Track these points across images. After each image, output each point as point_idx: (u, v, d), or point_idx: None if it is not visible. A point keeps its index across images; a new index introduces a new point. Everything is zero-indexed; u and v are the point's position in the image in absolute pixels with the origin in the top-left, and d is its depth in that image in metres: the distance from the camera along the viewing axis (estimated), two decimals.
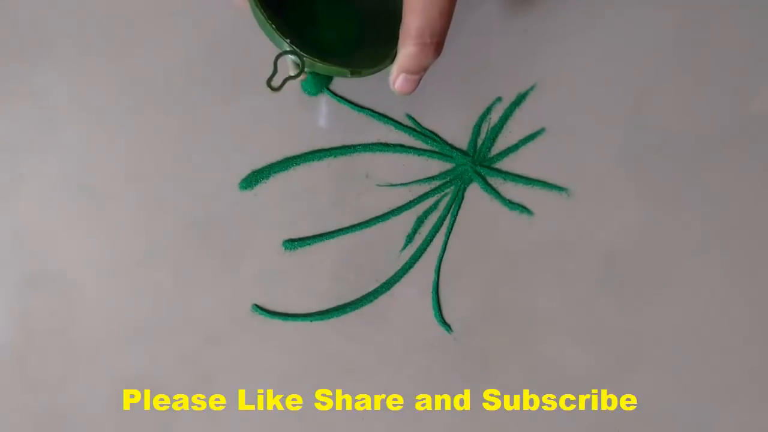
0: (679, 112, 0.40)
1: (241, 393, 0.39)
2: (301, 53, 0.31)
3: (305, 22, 0.35)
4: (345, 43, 0.35)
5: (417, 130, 0.40)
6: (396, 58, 0.32)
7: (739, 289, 0.39)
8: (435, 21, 0.29)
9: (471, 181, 0.40)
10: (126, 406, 0.39)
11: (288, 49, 0.31)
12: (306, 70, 0.32)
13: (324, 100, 0.40)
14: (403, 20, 0.29)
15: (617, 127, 0.40)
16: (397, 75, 0.32)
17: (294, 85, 0.40)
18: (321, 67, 0.32)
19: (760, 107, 0.40)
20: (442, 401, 0.38)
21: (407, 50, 0.30)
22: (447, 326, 0.39)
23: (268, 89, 0.31)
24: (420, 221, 0.40)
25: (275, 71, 0.31)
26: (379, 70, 0.32)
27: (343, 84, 0.40)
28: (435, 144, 0.40)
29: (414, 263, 0.39)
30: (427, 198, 0.40)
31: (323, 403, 0.39)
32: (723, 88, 0.41)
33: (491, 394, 0.38)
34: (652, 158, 0.40)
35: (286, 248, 0.39)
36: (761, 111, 0.40)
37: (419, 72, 0.32)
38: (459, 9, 0.31)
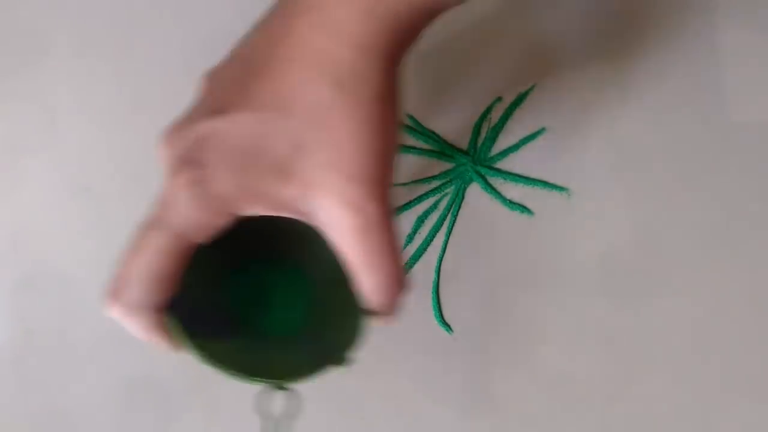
0: (677, 114, 0.40)
1: (241, 393, 0.39)
2: (282, 383, 0.27)
3: (252, 310, 0.30)
4: (298, 317, 0.31)
5: (417, 130, 0.40)
6: (368, 313, 0.27)
7: (739, 290, 0.39)
8: (390, 270, 0.25)
9: (471, 181, 0.40)
10: (126, 406, 0.39)
11: (266, 384, 0.27)
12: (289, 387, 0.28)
13: None
14: (358, 282, 0.26)
15: (617, 127, 0.40)
16: (380, 322, 0.28)
17: None
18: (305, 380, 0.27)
19: (751, 116, 0.40)
20: (442, 401, 0.38)
21: (381, 303, 0.26)
22: (447, 326, 0.39)
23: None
24: (420, 221, 0.40)
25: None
26: (357, 346, 0.28)
27: None
28: (435, 144, 0.40)
29: (414, 263, 0.39)
30: (427, 198, 0.40)
31: (323, 403, 0.39)
32: (719, 94, 0.40)
33: (491, 394, 0.38)
34: (652, 159, 0.40)
35: None
36: (754, 120, 0.40)
37: (397, 307, 0.28)
38: (458, 9, 0.31)
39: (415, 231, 0.40)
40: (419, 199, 0.40)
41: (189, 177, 0.24)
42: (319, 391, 0.39)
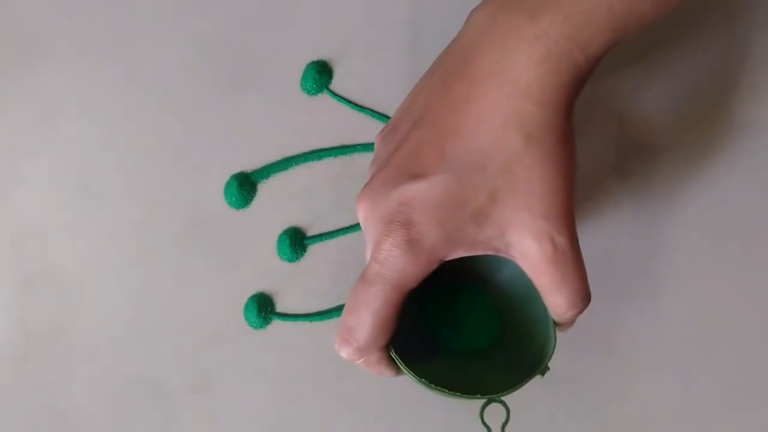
0: (676, 114, 0.40)
1: (241, 393, 0.39)
2: (497, 397, 0.30)
3: (441, 330, 0.34)
4: (485, 334, 0.35)
5: None
6: (556, 324, 0.31)
7: (740, 290, 0.39)
8: (578, 289, 0.29)
9: None
10: (126, 406, 0.39)
11: (486, 400, 0.31)
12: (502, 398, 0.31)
13: None
14: (546, 302, 0.29)
15: (615, 128, 0.40)
16: (563, 330, 0.32)
17: (294, 85, 0.40)
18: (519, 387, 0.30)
19: (752, 116, 0.40)
20: (442, 401, 0.38)
21: (568, 317, 0.30)
22: None
23: None
24: None
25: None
26: (551, 354, 0.30)
27: (343, 84, 0.40)
28: None
29: None
30: None
31: (323, 403, 0.39)
32: (720, 94, 0.40)
33: None
34: (655, 158, 0.40)
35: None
36: (755, 119, 0.40)
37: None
38: (458, 7, 0.31)
39: None
40: None
41: (401, 236, 0.28)
42: (320, 391, 0.39)
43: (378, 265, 0.28)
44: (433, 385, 0.29)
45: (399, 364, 0.30)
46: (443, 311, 0.35)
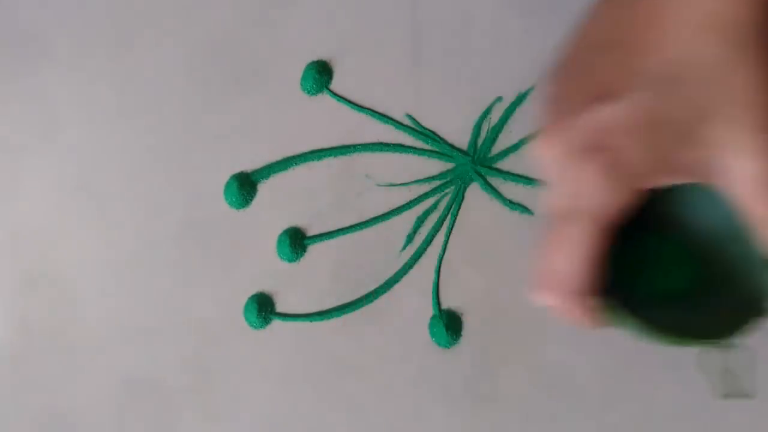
0: None
1: (241, 393, 0.39)
2: (724, 341, 0.27)
3: (632, 275, 0.30)
4: (681, 278, 0.30)
5: (417, 129, 0.40)
6: None
7: None
8: None
9: (471, 181, 0.40)
10: (126, 406, 0.39)
11: (710, 346, 0.27)
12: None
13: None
14: (764, 237, 0.25)
15: None
16: None
17: (294, 85, 0.40)
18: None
19: None
20: (442, 401, 0.38)
21: None
22: (446, 327, 0.39)
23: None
24: (420, 221, 0.40)
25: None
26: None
27: (343, 84, 0.40)
28: (435, 144, 0.40)
29: (414, 263, 0.39)
30: (427, 198, 0.40)
31: (323, 403, 0.39)
32: None
33: (491, 394, 0.38)
34: None
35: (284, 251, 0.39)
36: None
37: None
38: (458, 7, 0.31)
39: (415, 231, 0.40)
40: (419, 199, 0.40)
41: (602, 162, 0.25)
42: (320, 391, 0.39)
43: (572, 199, 0.25)
44: (653, 333, 0.26)
45: (613, 311, 0.27)
46: (629, 255, 0.30)
